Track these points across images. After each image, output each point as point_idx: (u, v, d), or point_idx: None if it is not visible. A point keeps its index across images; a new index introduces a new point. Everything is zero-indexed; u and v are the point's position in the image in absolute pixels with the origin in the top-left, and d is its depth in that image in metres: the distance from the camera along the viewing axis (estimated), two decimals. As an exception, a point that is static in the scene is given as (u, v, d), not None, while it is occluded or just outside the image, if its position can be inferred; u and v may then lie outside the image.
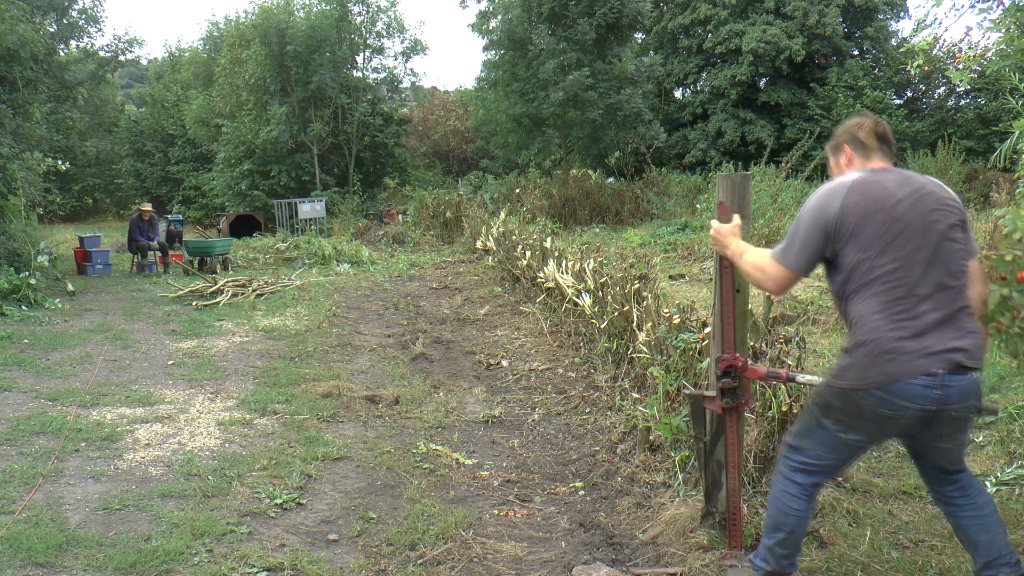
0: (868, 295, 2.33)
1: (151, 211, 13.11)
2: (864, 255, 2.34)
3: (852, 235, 2.36)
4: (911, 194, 2.37)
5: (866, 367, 2.29)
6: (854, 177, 2.43)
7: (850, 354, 2.35)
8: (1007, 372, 4.99)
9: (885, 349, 2.27)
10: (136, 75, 50.54)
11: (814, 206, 2.44)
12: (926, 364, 2.24)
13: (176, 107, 28.35)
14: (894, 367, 2.26)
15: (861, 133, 2.55)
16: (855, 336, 2.35)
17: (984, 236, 8.73)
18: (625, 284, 5.79)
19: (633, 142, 21.55)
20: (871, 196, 2.37)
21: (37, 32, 10.77)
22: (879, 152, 2.54)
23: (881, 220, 2.33)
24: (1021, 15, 4.94)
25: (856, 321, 2.36)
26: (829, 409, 2.42)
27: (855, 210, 2.35)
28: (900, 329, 2.27)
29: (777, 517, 2.56)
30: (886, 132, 2.56)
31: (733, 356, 2.87)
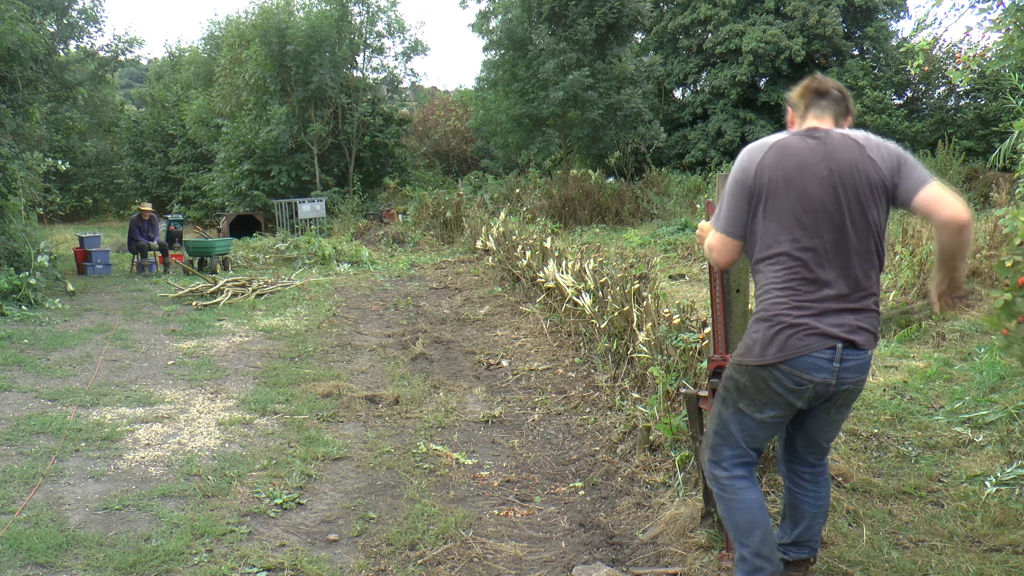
0: (773, 268, 2.32)
1: (151, 211, 13.10)
2: (771, 225, 2.32)
3: (764, 200, 2.33)
4: (825, 166, 2.30)
5: (768, 343, 2.31)
6: (775, 139, 2.38)
7: (754, 332, 2.36)
8: (1007, 372, 4.99)
9: (786, 325, 2.28)
10: (136, 75, 50.53)
11: (736, 165, 2.42)
12: (826, 341, 2.28)
13: (176, 107, 28.36)
14: (795, 342, 2.28)
15: (794, 93, 2.52)
16: (758, 309, 2.36)
17: (984, 236, 8.73)
18: (625, 284, 5.79)
19: (633, 142, 21.55)
20: (785, 164, 2.32)
21: (37, 32, 10.76)
22: (815, 109, 2.46)
23: (791, 192, 2.29)
24: (1021, 15, 4.94)
25: (760, 294, 2.36)
26: (740, 390, 2.43)
27: (769, 174, 2.32)
28: (801, 308, 2.28)
29: (746, 519, 2.50)
30: (823, 87, 2.47)
31: (723, 356, 2.88)
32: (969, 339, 6.32)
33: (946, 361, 5.70)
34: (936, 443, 4.20)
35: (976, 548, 3.07)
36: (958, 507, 3.41)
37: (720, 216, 2.47)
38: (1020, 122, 4.55)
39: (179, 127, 27.85)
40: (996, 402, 4.56)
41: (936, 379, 5.30)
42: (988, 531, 3.19)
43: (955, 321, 6.84)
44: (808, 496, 2.70)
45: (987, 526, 3.23)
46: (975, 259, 8.17)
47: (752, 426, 2.48)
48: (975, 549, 3.06)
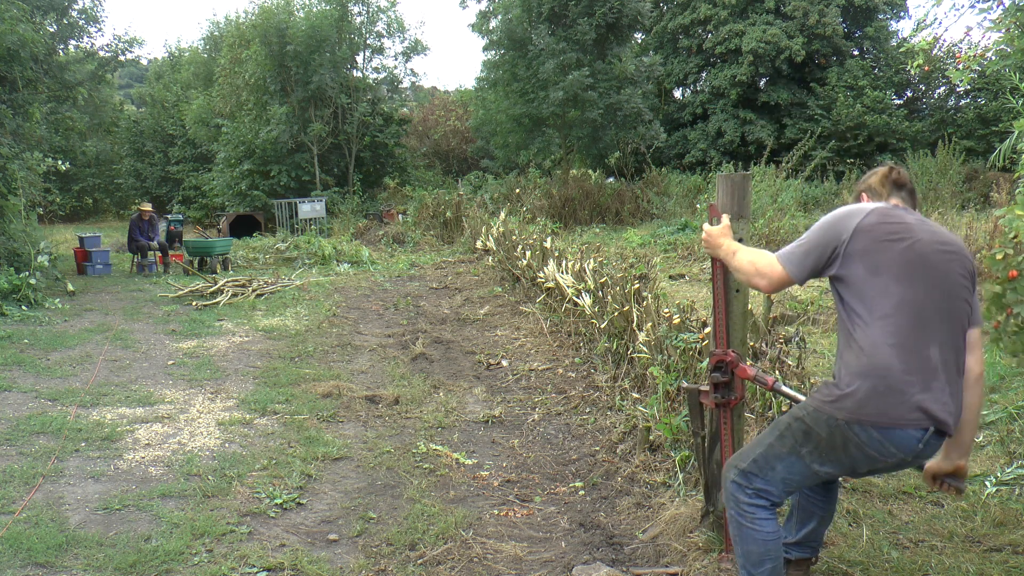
0: (880, 323, 2.20)
1: (151, 211, 13.10)
2: (878, 278, 2.23)
3: (864, 254, 2.26)
4: (929, 233, 2.29)
5: (866, 401, 2.18)
6: (874, 205, 2.36)
7: (850, 383, 2.21)
8: (1007, 372, 4.99)
9: (892, 387, 2.16)
10: (136, 75, 50.53)
11: (829, 220, 2.37)
12: (923, 417, 2.17)
13: (176, 107, 28.36)
14: (897, 410, 2.16)
15: (874, 180, 2.52)
16: (860, 363, 2.20)
17: (984, 236, 8.74)
18: (625, 284, 5.79)
19: (633, 142, 21.55)
20: (889, 222, 2.29)
21: (37, 32, 10.77)
22: (895, 196, 2.47)
23: (899, 248, 2.24)
24: (1021, 15, 4.94)
25: (863, 348, 2.21)
26: (810, 437, 2.30)
27: (871, 232, 2.27)
28: (909, 370, 2.16)
29: (758, 550, 2.44)
30: (901, 178, 2.48)
31: (724, 352, 2.87)
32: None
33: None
34: (936, 443, 4.19)
35: (976, 548, 3.07)
36: (958, 507, 3.41)
37: (794, 258, 2.39)
38: (1020, 122, 4.55)
39: (179, 127, 27.85)
40: (996, 402, 4.56)
41: (936, 379, 5.29)
42: (988, 531, 3.19)
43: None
44: (819, 500, 2.69)
45: (987, 526, 3.23)
46: (975, 259, 8.17)
47: (802, 474, 2.38)
48: (975, 549, 3.06)
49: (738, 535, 2.48)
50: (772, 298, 4.40)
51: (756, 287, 2.55)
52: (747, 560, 2.47)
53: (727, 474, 2.55)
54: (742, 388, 2.89)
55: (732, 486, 2.50)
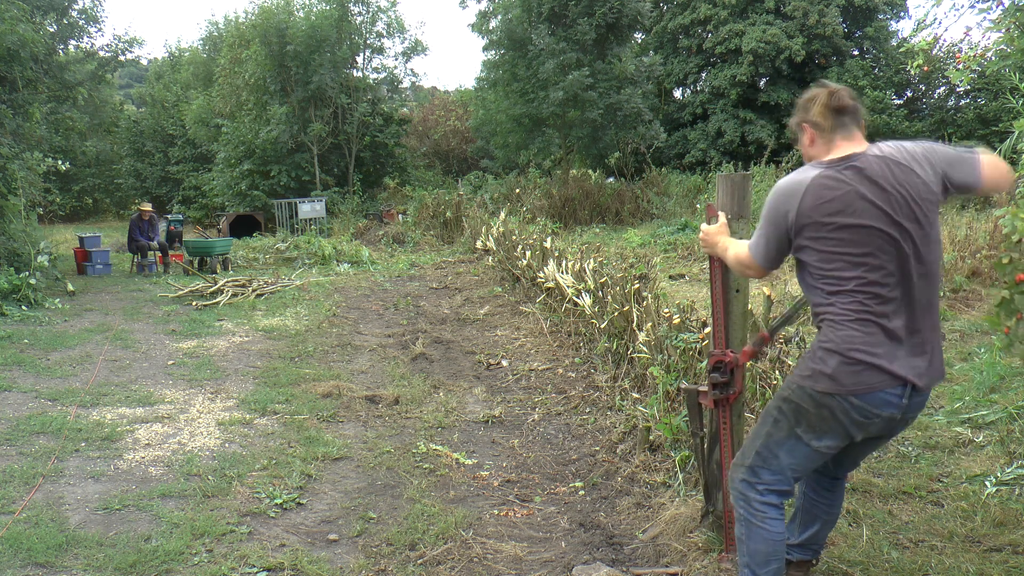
0: (842, 302, 2.24)
1: (151, 211, 13.11)
2: (831, 265, 2.24)
3: (814, 240, 2.25)
4: (873, 193, 2.21)
5: (837, 375, 2.24)
6: (811, 176, 2.26)
7: (824, 361, 2.26)
8: (1007, 372, 4.99)
9: (860, 360, 2.21)
10: (136, 75, 50.54)
11: (772, 205, 2.34)
12: (898, 377, 2.23)
13: (176, 107, 28.36)
14: (869, 378, 2.22)
15: (816, 113, 2.34)
16: (828, 341, 2.26)
17: (984, 236, 8.74)
18: (625, 284, 5.79)
19: (633, 142, 21.53)
20: (829, 200, 2.22)
21: (37, 32, 10.76)
22: (841, 130, 2.31)
23: (844, 228, 2.21)
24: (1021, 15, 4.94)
25: (830, 325, 2.27)
26: (801, 414, 2.34)
27: (812, 215, 2.23)
28: (875, 343, 2.21)
29: (765, 549, 2.44)
30: (842, 103, 2.32)
31: (722, 352, 2.88)
32: (969, 339, 6.32)
33: (946, 361, 5.70)
34: (936, 443, 4.20)
35: (976, 548, 3.07)
36: (958, 507, 3.41)
37: (759, 248, 2.42)
38: (1020, 122, 4.55)
39: (179, 127, 27.85)
40: (996, 402, 4.56)
41: (936, 379, 5.29)
42: (988, 531, 3.19)
43: (955, 321, 6.84)
44: (824, 503, 2.70)
45: (987, 526, 3.23)
46: (975, 259, 8.18)
47: (804, 454, 2.40)
48: (975, 549, 3.06)
49: (746, 534, 2.48)
50: (772, 298, 4.39)
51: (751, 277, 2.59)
52: (753, 559, 2.47)
53: (734, 475, 2.54)
54: (741, 382, 2.89)
55: (742, 485, 2.50)
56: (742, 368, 2.88)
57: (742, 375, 2.89)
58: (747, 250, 2.50)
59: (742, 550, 2.52)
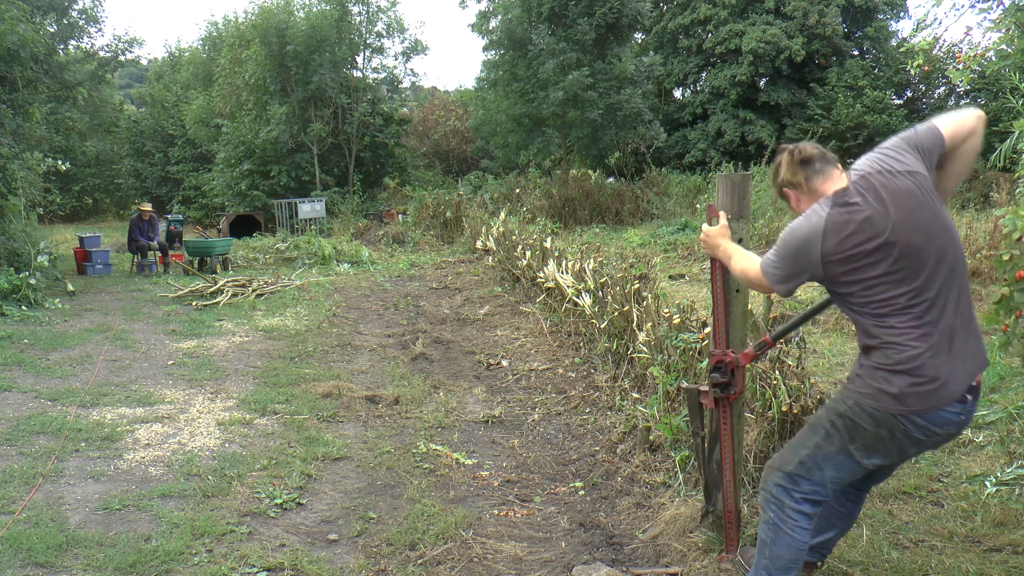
0: (899, 321, 2.21)
1: (151, 211, 13.10)
2: (875, 290, 2.22)
3: (850, 273, 2.24)
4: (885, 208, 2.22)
5: (907, 394, 2.20)
6: (825, 215, 2.26)
7: (889, 381, 2.22)
8: (1007, 372, 4.99)
9: (926, 376, 2.19)
10: (136, 75, 50.56)
11: (792, 250, 2.32)
12: (959, 391, 2.21)
13: (176, 107, 28.36)
14: (936, 396, 2.19)
15: (786, 175, 2.42)
16: (888, 360, 2.22)
17: (984, 236, 8.73)
18: (625, 284, 5.79)
19: (633, 142, 21.54)
20: (851, 233, 2.22)
21: (37, 32, 10.77)
22: (817, 177, 2.36)
23: (874, 252, 2.20)
24: (1021, 15, 4.94)
25: (889, 344, 2.22)
26: (857, 432, 2.31)
27: (840, 252, 2.23)
28: (935, 354, 2.19)
29: (788, 556, 2.44)
30: (805, 154, 2.38)
31: (723, 352, 2.89)
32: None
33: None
34: (936, 443, 4.20)
35: (976, 548, 3.07)
36: (958, 507, 3.41)
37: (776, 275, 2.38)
38: (1020, 122, 4.55)
39: (179, 127, 27.85)
40: (996, 402, 4.56)
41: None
42: (988, 531, 3.19)
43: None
44: (844, 512, 2.71)
45: (987, 526, 3.23)
46: (975, 259, 8.17)
47: (851, 471, 2.39)
48: (975, 549, 3.06)
49: (772, 539, 2.47)
50: (772, 298, 4.40)
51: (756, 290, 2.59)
52: (773, 564, 2.46)
53: (769, 477, 2.53)
54: (742, 382, 2.90)
55: (777, 489, 2.48)
56: (742, 369, 2.89)
57: (743, 375, 2.90)
58: (758, 269, 2.46)
59: (764, 552, 2.51)
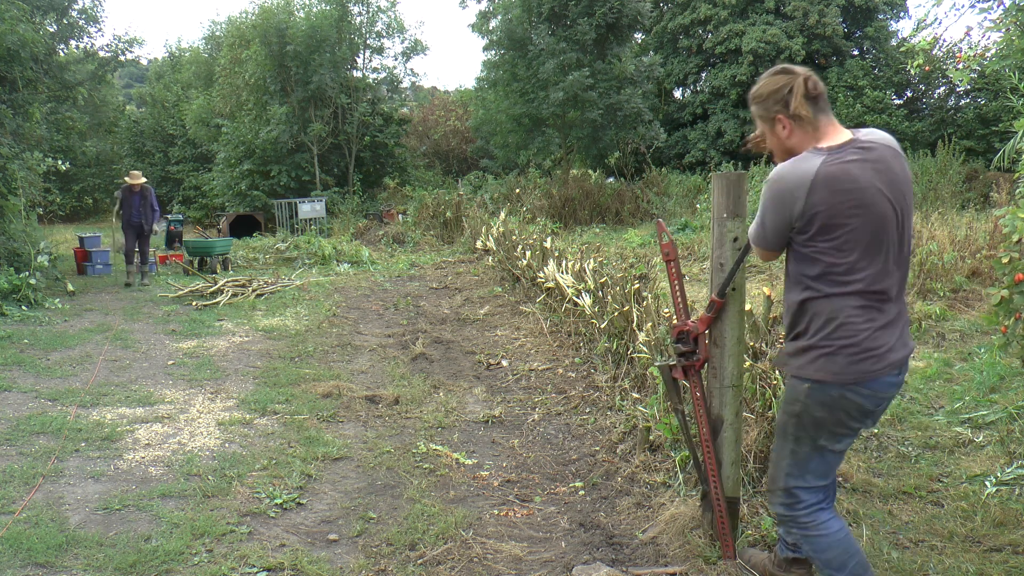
0: (845, 295, 2.23)
1: (144, 182, 11.17)
2: (840, 258, 2.21)
3: (822, 232, 2.21)
4: (880, 182, 2.20)
5: (847, 367, 2.25)
6: (817, 165, 2.18)
7: (826, 348, 2.26)
8: (1007, 372, 4.99)
9: (866, 349, 2.24)
10: (136, 75, 50.57)
11: (776, 195, 2.26)
12: (894, 358, 2.28)
13: (176, 107, 28.37)
14: (876, 366, 2.25)
15: (794, 103, 2.26)
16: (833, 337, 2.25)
17: (984, 236, 8.73)
18: (625, 284, 5.79)
19: (633, 142, 21.54)
20: (841, 192, 2.17)
21: (37, 32, 10.77)
22: (822, 115, 2.27)
23: (857, 221, 2.18)
24: (1021, 15, 4.95)
25: (832, 320, 2.25)
26: (820, 424, 2.34)
27: (824, 207, 2.18)
28: (876, 331, 2.25)
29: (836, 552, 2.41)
30: (819, 90, 2.27)
31: (683, 323, 2.98)
32: (969, 339, 6.33)
33: (946, 361, 5.70)
34: (936, 443, 4.20)
35: (976, 548, 3.07)
36: (958, 507, 3.41)
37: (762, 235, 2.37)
38: (1020, 122, 4.55)
39: (179, 127, 27.87)
40: (996, 402, 4.56)
41: (936, 379, 5.30)
42: (988, 531, 3.19)
43: (955, 321, 6.84)
44: None
45: (987, 526, 3.23)
46: (975, 259, 8.17)
47: (832, 460, 2.44)
48: (975, 549, 3.06)
49: (814, 550, 2.47)
50: (772, 298, 4.39)
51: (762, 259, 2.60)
52: (830, 568, 2.44)
53: (772, 502, 2.55)
54: (705, 348, 2.97)
55: (783, 509, 2.49)
56: (704, 335, 2.95)
57: (705, 342, 2.97)
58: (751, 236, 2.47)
59: (818, 565, 2.51)
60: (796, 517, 2.46)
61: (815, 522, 2.43)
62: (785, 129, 2.32)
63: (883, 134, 2.30)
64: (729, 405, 2.99)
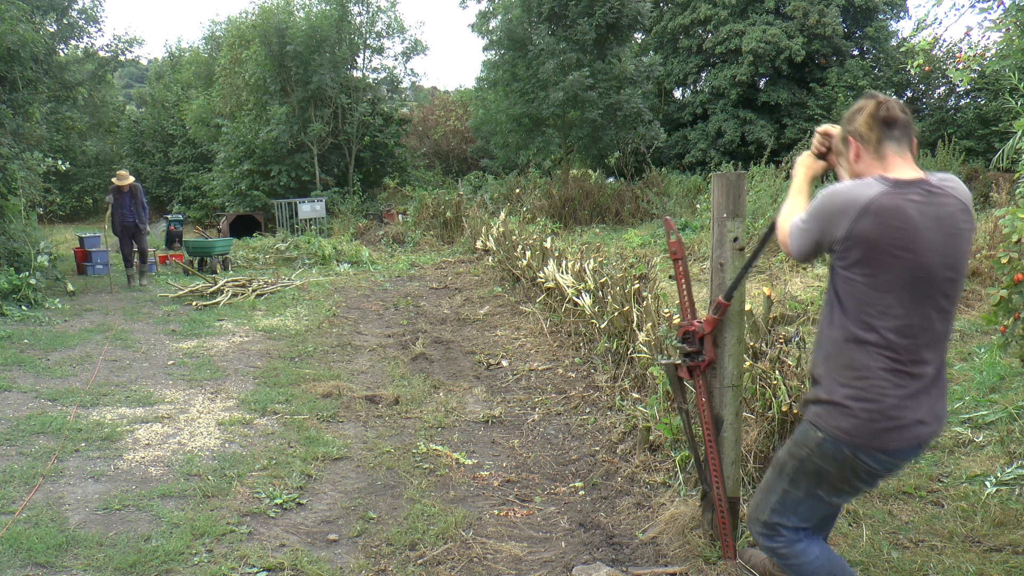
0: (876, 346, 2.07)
1: (132, 181, 11.09)
2: (875, 296, 2.06)
3: (860, 264, 2.05)
4: (936, 228, 2.03)
5: (866, 427, 2.10)
6: (870, 195, 2.02)
7: (847, 407, 2.11)
8: (1007, 372, 4.99)
9: (890, 418, 2.08)
10: (136, 75, 50.58)
11: (823, 210, 2.10)
12: (920, 433, 2.12)
13: (176, 107, 28.36)
14: (896, 435, 2.10)
15: (861, 123, 2.14)
16: (855, 387, 2.10)
17: (984, 236, 8.73)
18: (625, 284, 5.79)
19: (633, 142, 21.54)
20: (890, 228, 2.00)
21: (37, 32, 10.77)
22: (889, 143, 2.11)
23: (899, 263, 2.02)
24: (1021, 15, 4.95)
25: (859, 376, 2.10)
26: (823, 476, 2.22)
27: (867, 238, 2.02)
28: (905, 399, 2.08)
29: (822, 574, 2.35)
30: (892, 115, 2.10)
31: (689, 322, 2.99)
32: (969, 339, 6.32)
33: (946, 361, 5.70)
34: (936, 443, 4.20)
35: (976, 548, 3.07)
36: (958, 507, 3.41)
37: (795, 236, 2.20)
38: (1020, 122, 4.55)
39: (179, 127, 27.85)
40: (996, 402, 4.56)
41: (936, 379, 5.29)
42: (988, 531, 3.19)
43: (955, 321, 6.83)
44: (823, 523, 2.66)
45: (987, 526, 3.23)
46: (975, 259, 8.17)
47: (824, 509, 2.35)
48: (975, 549, 3.06)
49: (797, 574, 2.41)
50: (772, 298, 4.39)
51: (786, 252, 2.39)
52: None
53: (752, 528, 2.48)
54: (711, 349, 2.97)
55: (763, 539, 2.43)
56: (710, 336, 2.96)
57: (711, 343, 2.98)
58: (788, 228, 2.26)
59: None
60: (775, 548, 2.40)
61: (793, 552, 2.37)
62: (853, 151, 2.19)
63: (957, 182, 2.14)
64: (729, 405, 3.00)
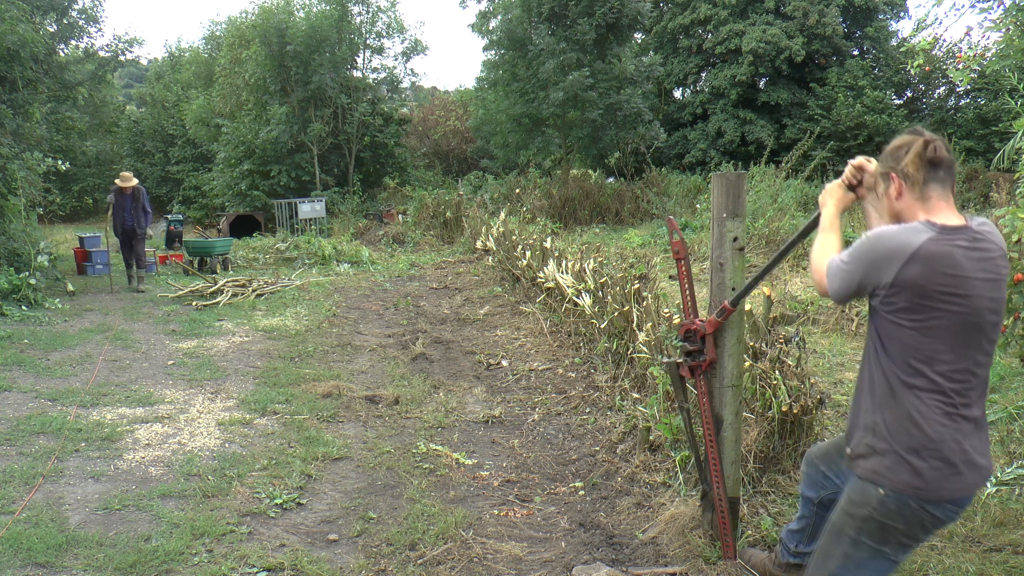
0: (927, 392, 2.03)
1: (135, 184, 10.93)
2: (922, 342, 2.02)
3: (908, 310, 2.01)
4: (983, 277, 2.01)
5: (938, 479, 2.02)
6: (920, 241, 1.98)
7: (908, 459, 2.04)
8: (1007, 372, 4.99)
9: (952, 462, 2.02)
10: (136, 75, 50.59)
11: (869, 254, 2.05)
12: (978, 480, 2.08)
13: (176, 107, 28.37)
14: (959, 483, 2.04)
15: (908, 163, 2.08)
16: (913, 436, 2.03)
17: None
18: (625, 284, 5.79)
19: (633, 142, 21.54)
20: (940, 275, 1.97)
21: (37, 32, 10.77)
22: (935, 184, 2.07)
23: (949, 309, 1.99)
24: (1021, 15, 4.95)
25: (916, 420, 2.03)
26: (888, 533, 2.09)
27: (916, 285, 1.98)
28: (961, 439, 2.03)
29: None
30: (938, 156, 2.06)
31: (691, 321, 3.01)
32: (969, 339, 6.31)
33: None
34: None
35: (976, 548, 3.07)
36: (958, 507, 3.41)
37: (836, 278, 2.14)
38: (1020, 122, 4.55)
39: (179, 127, 27.86)
40: (996, 402, 4.56)
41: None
42: (988, 531, 3.19)
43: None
44: None
45: (987, 526, 3.23)
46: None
47: (886, 568, 2.17)
48: (975, 549, 3.06)
49: None
50: (772, 298, 4.39)
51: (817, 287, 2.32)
52: None
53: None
54: (712, 348, 2.99)
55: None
56: (711, 336, 2.98)
57: (712, 343, 2.99)
58: (826, 265, 2.20)
59: None
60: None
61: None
62: (894, 188, 2.13)
63: (993, 228, 2.11)
64: (729, 405, 3.00)
